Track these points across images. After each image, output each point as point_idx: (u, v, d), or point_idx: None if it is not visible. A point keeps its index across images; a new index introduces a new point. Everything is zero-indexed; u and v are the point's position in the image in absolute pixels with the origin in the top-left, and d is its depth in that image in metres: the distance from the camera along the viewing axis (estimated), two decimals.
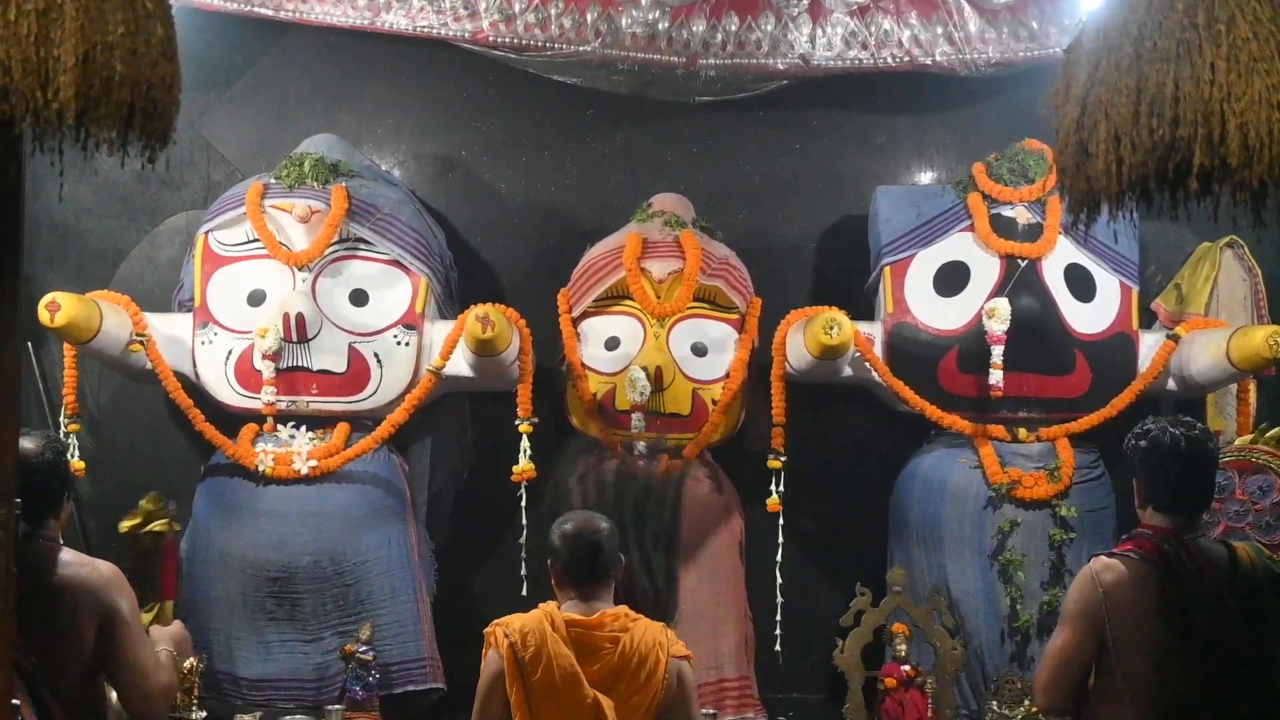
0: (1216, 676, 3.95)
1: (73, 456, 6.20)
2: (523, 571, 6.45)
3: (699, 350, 6.68)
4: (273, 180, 6.76)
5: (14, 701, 3.61)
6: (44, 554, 4.06)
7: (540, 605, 4.13)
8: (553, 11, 7.18)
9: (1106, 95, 3.06)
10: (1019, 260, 6.67)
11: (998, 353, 6.49)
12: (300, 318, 6.40)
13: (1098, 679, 4.17)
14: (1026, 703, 6.24)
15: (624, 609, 4.10)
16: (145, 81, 3.01)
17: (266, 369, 6.48)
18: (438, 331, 6.70)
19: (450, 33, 7.25)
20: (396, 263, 6.71)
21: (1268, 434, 6.32)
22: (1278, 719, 3.99)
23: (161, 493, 5.70)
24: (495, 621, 4.08)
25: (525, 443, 6.56)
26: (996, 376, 6.49)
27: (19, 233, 3.33)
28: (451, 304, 7.00)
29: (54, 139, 3.06)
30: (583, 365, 6.69)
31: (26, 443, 4.14)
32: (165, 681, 4.37)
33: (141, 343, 6.52)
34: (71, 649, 4.02)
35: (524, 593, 6.42)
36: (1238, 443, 6.39)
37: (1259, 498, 6.17)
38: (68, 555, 4.13)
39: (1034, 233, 6.73)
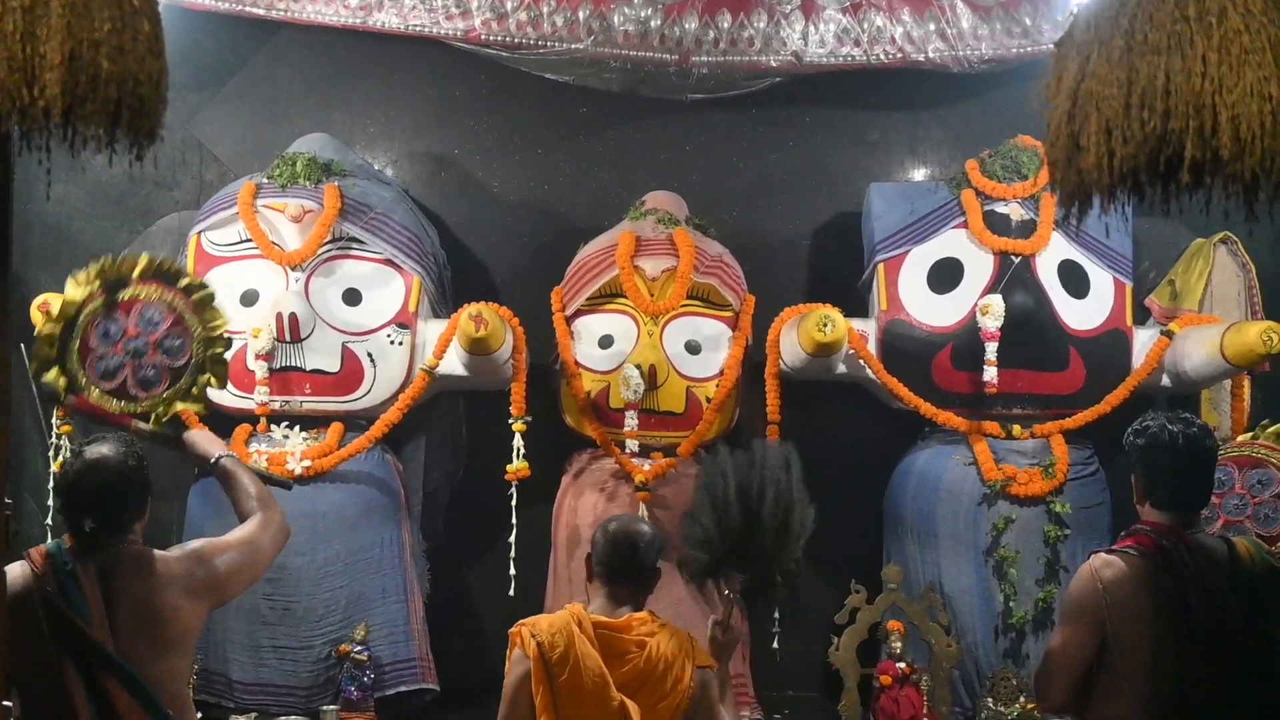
0: (1217, 672, 3.94)
1: (61, 457, 6.21)
2: (511, 571, 6.43)
3: (693, 348, 6.67)
4: (265, 180, 6.76)
5: (6, 703, 3.59)
6: (137, 558, 4.04)
7: (566, 606, 4.09)
8: (544, 9, 7.18)
9: (1097, 88, 3.05)
10: (1013, 257, 6.67)
11: (992, 349, 6.49)
12: (293, 317, 6.40)
13: (1099, 676, 4.15)
14: (1022, 699, 6.24)
15: (649, 613, 4.08)
16: (132, 78, 2.99)
17: (260, 369, 6.48)
18: (431, 330, 6.70)
19: (442, 31, 7.24)
20: (389, 262, 6.70)
21: (1268, 430, 6.32)
22: (1276, 714, 3.98)
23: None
24: (521, 621, 4.04)
25: (519, 441, 6.55)
26: (991, 373, 6.48)
27: (8, 233, 3.31)
28: (445, 303, 6.99)
29: (41, 137, 3.05)
30: (576, 364, 6.68)
31: (105, 449, 4.13)
32: (268, 534, 4.35)
33: None
34: (174, 647, 4.00)
35: (510, 593, 6.41)
36: (1239, 439, 6.40)
37: (1258, 491, 6.18)
38: (149, 557, 4.10)
39: (1027, 229, 6.72)
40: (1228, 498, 6.15)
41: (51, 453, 6.47)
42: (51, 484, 6.28)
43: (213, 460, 4.40)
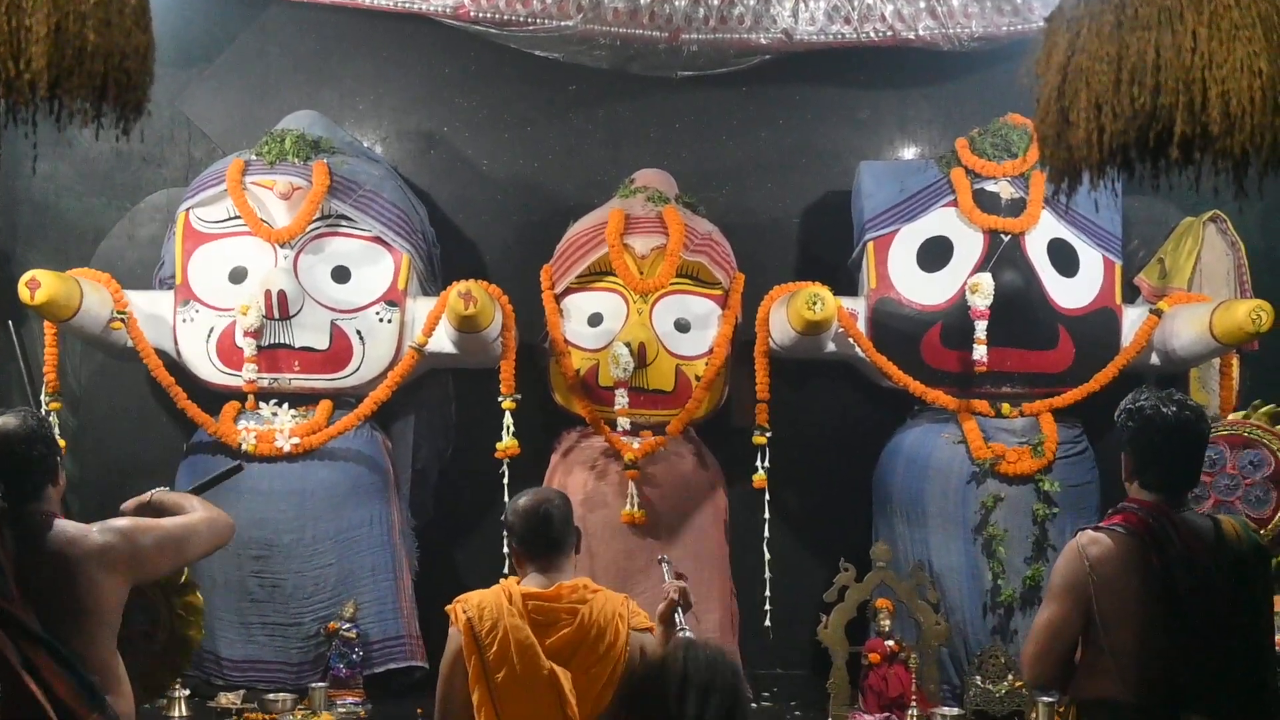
0: (1202, 649, 3.94)
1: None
2: (505, 549, 6.43)
3: (682, 326, 6.67)
4: (254, 157, 6.74)
5: None
6: (53, 529, 3.99)
7: (502, 580, 4.12)
8: None
9: (1088, 63, 3.04)
10: (1002, 235, 6.67)
11: (981, 328, 6.49)
12: (282, 295, 6.38)
13: (1084, 652, 4.15)
14: (1010, 677, 6.25)
15: (584, 580, 4.08)
16: (118, 51, 2.98)
17: (248, 346, 6.46)
18: (420, 308, 6.69)
19: (431, 8, 7.22)
20: (378, 239, 6.69)
21: (1261, 409, 6.32)
22: (1261, 691, 3.99)
23: None
24: (457, 598, 4.07)
25: (509, 419, 6.55)
26: (980, 351, 6.49)
27: None
28: (434, 281, 6.98)
29: (27, 111, 3.03)
30: (566, 342, 6.67)
31: (9, 420, 4.09)
32: (206, 525, 4.27)
33: (122, 320, 6.50)
34: (94, 618, 3.96)
35: (505, 571, 6.41)
36: (1230, 418, 6.39)
37: (1250, 472, 6.17)
38: (64, 526, 4.05)
39: (1017, 207, 6.72)
40: (1219, 477, 6.14)
41: None
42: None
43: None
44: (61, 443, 6.19)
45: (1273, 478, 5.89)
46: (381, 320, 6.63)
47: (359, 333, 6.60)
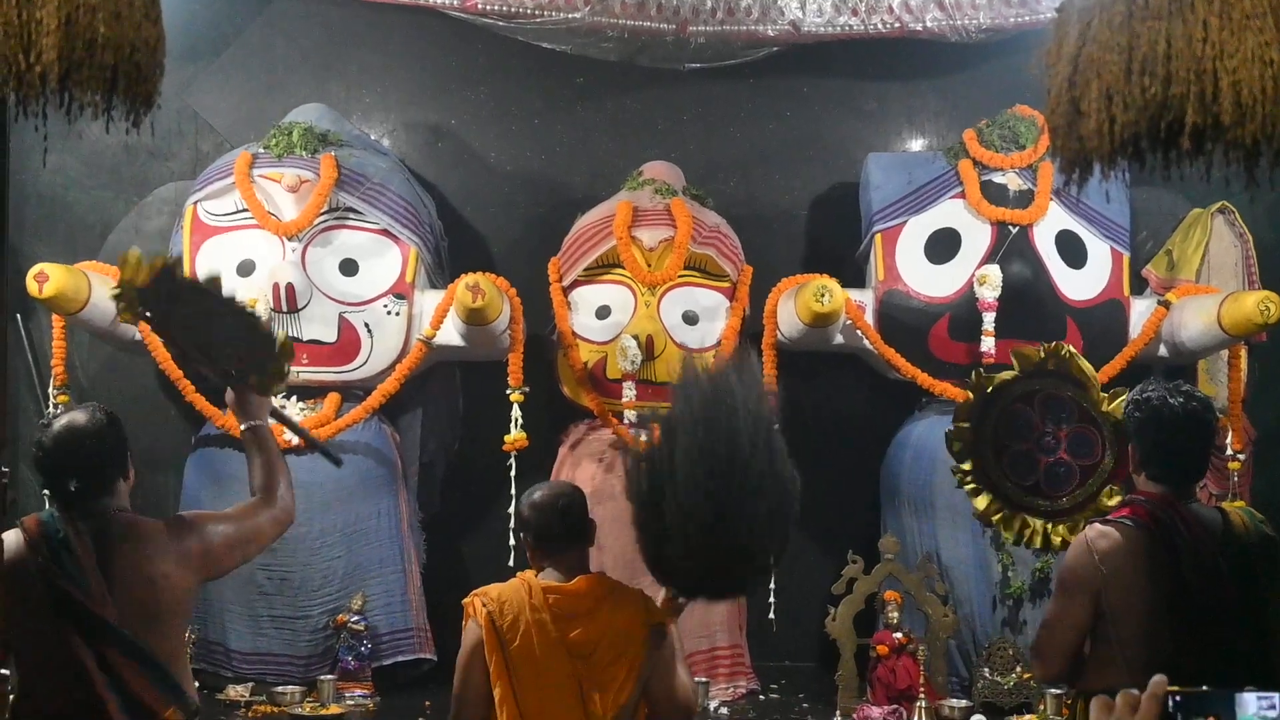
0: (1211, 641, 3.94)
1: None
2: (511, 542, 6.44)
3: (690, 319, 6.67)
4: (261, 150, 6.74)
5: (2, 671, 3.59)
6: (128, 525, 3.96)
7: (519, 574, 4.10)
8: None
9: (1098, 53, 3.03)
10: (1010, 227, 6.66)
11: (989, 320, 6.48)
12: (290, 288, 6.39)
13: (1094, 646, 4.15)
14: (1018, 669, 6.25)
15: (602, 574, 4.08)
16: (129, 44, 2.97)
17: None
18: (428, 301, 6.70)
19: (439, 1, 7.21)
20: (386, 232, 6.69)
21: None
22: (1270, 683, 3.99)
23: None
24: (474, 591, 4.05)
25: (517, 412, 6.56)
26: (988, 343, 6.48)
27: (4, 202, 3.30)
28: (442, 273, 6.99)
29: (37, 104, 3.03)
30: (574, 334, 6.68)
31: (75, 413, 4.07)
32: (268, 515, 4.23)
33: None
34: (169, 614, 3.95)
35: (510, 563, 6.41)
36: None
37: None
38: (138, 521, 4.03)
39: (1025, 199, 6.71)
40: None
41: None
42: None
43: (244, 425, 4.37)
44: None
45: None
46: (389, 313, 6.63)
47: (367, 325, 6.61)
